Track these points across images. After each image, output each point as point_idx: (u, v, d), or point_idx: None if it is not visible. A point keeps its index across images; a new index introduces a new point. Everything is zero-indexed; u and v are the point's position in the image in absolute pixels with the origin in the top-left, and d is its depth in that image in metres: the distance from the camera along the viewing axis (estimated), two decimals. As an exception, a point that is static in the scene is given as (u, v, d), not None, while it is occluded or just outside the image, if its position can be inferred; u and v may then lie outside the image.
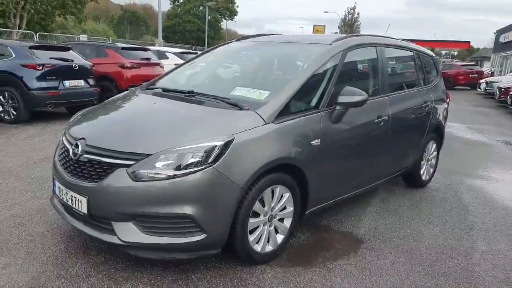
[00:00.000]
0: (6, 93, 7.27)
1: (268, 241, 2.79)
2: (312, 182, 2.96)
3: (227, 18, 70.10)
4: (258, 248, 2.70)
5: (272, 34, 4.34)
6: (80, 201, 2.46)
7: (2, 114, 7.36)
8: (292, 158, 2.74)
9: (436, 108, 4.58)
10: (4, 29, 26.95)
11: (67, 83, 7.69)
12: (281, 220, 2.87)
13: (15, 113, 7.28)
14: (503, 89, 15.37)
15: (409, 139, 4.18)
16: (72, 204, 2.53)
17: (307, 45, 3.58)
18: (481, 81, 21.90)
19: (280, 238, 2.88)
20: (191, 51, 18.54)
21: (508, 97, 13.71)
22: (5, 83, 7.25)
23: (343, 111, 3.05)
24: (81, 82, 8.02)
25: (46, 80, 7.34)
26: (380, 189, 4.54)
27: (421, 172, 4.66)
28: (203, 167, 2.33)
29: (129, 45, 10.60)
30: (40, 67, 7.26)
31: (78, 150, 2.55)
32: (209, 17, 63.74)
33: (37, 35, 25.77)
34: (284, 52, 3.73)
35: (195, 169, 2.32)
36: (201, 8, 62.79)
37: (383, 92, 3.73)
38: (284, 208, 2.85)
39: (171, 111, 2.89)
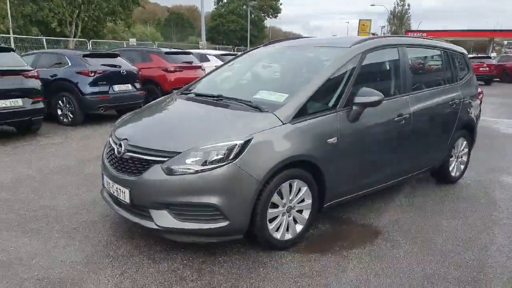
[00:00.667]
0: (64, 98, 8.06)
1: (287, 230, 3.08)
2: (329, 178, 3.21)
3: (270, 16, 70.54)
4: (277, 235, 3.00)
5: (301, 37, 4.62)
6: (124, 192, 2.89)
7: (62, 118, 8.17)
8: (308, 155, 3.00)
9: (466, 105, 4.62)
10: (62, 38, 28.92)
11: (116, 87, 8.37)
12: (300, 211, 3.15)
13: (72, 116, 8.06)
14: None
15: (435, 136, 4.27)
16: (118, 195, 2.97)
17: (328, 49, 3.81)
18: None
19: (299, 227, 3.16)
20: (231, 52, 19.05)
21: None
22: (63, 89, 8.05)
23: (359, 110, 3.27)
24: (129, 86, 8.68)
25: (97, 85, 8.06)
26: (407, 184, 4.67)
27: (450, 168, 4.72)
28: (225, 163, 2.66)
29: (172, 50, 11.20)
30: (92, 74, 7.98)
31: (121, 149, 2.98)
32: (252, 16, 64.60)
33: (90, 42, 27.44)
34: (305, 57, 3.99)
35: (218, 164, 2.66)
36: (244, 7, 63.55)
37: (404, 91, 3.87)
38: (303, 200, 3.13)
39: (200, 114, 3.27)
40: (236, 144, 2.70)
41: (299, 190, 3.08)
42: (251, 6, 55.21)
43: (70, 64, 8.16)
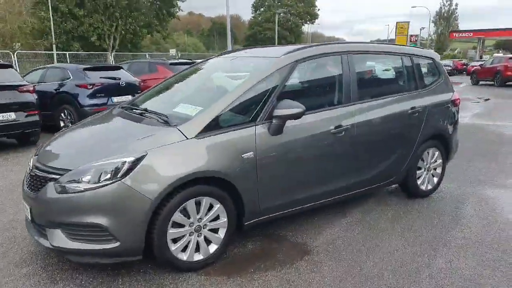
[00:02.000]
0: (65, 111, 8.39)
1: (198, 250, 2.95)
2: (248, 194, 3.05)
3: (308, 22, 70.14)
4: (183, 256, 2.88)
5: (251, 48, 4.48)
6: (27, 209, 2.91)
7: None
8: (216, 171, 2.86)
9: (434, 113, 4.26)
10: (101, 52, 30.42)
11: (115, 99, 8.58)
12: (215, 230, 3.01)
13: (72, 127, 8.35)
14: None
15: (389, 147, 3.96)
16: (25, 213, 2.99)
17: (260, 59, 3.66)
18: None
19: (213, 248, 3.01)
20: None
21: None
22: (64, 101, 8.38)
23: (280, 124, 3.09)
24: (129, 98, 8.86)
25: (96, 97, 8.30)
26: (371, 198, 4.37)
27: (419, 181, 4.36)
28: (113, 181, 2.59)
29: (177, 61, 11.40)
30: (91, 86, 8.24)
31: (30, 165, 3.00)
32: (289, 23, 64.51)
33: (130, 54, 28.65)
34: (236, 67, 3.85)
35: (105, 183, 2.59)
36: (282, 14, 63.78)
37: (348, 101, 3.61)
38: (217, 218, 2.99)
39: (111, 129, 3.24)
40: (125, 162, 2.62)
41: (211, 207, 2.94)
42: (283, 13, 55.19)
43: (71, 77, 8.49)
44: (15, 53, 20.52)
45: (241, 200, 3.04)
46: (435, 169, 4.51)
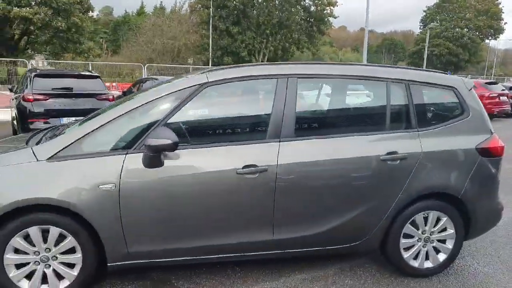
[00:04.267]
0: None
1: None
2: (107, 232, 2.65)
3: (490, 38, 61.56)
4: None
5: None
6: None
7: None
8: (60, 201, 2.53)
9: (438, 162, 3.02)
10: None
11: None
12: (70, 265, 2.69)
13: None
14: None
15: (345, 201, 2.92)
16: None
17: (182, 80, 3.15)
18: None
19: (65, 283, 2.70)
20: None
21: None
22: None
23: (151, 155, 2.59)
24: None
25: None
26: (335, 268, 3.33)
27: (407, 255, 3.13)
28: None
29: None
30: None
31: None
32: (464, 38, 57.43)
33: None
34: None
35: None
36: (457, 29, 57.64)
37: (275, 136, 2.82)
38: (73, 251, 2.67)
39: None
40: None
41: (64, 238, 2.64)
42: (468, 26, 49.55)
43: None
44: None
45: (98, 238, 2.65)
46: (441, 241, 3.18)
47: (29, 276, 2.66)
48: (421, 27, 65.34)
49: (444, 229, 3.15)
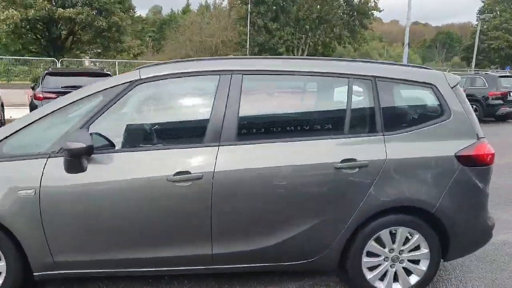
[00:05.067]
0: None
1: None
2: (29, 241, 2.48)
3: None
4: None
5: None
6: None
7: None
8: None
9: (407, 171, 2.59)
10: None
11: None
12: None
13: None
14: None
15: (290, 214, 2.55)
16: None
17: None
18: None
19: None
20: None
21: None
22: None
23: (70, 159, 2.40)
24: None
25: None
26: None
27: (370, 276, 2.71)
28: None
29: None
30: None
31: None
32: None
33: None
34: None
35: None
36: (513, 20, 53.38)
37: (213, 140, 2.52)
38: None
39: None
40: None
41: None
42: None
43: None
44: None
45: (21, 247, 2.50)
46: (414, 261, 2.74)
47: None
48: (478, 19, 60.90)
49: (417, 248, 2.70)
